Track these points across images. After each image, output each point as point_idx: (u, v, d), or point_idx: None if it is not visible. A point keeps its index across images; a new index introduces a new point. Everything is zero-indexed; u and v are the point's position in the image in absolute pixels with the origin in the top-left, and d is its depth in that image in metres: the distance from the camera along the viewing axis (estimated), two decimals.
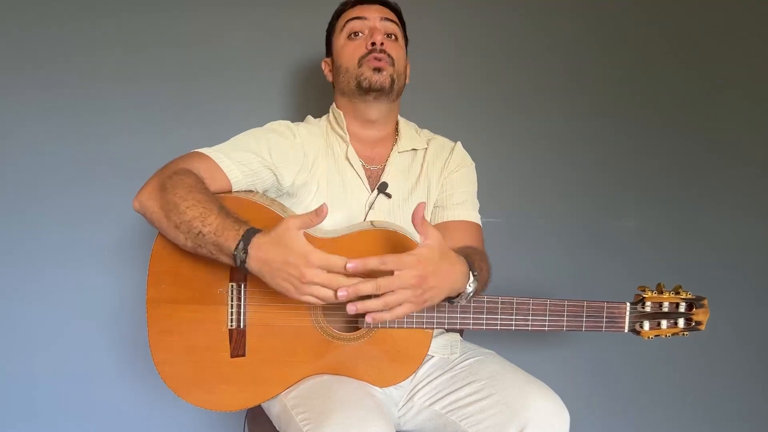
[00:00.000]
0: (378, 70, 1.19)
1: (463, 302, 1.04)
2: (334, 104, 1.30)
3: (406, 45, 1.31)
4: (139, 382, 1.61)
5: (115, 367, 1.61)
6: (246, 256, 0.91)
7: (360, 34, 1.23)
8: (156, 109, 1.57)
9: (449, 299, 1.03)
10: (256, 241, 0.92)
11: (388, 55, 1.21)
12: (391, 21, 1.25)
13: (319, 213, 0.91)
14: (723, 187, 1.85)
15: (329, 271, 0.89)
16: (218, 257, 0.96)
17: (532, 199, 1.78)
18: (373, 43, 1.20)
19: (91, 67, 1.54)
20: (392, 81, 1.21)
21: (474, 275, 1.02)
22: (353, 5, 1.25)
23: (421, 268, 0.91)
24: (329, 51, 1.31)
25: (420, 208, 0.93)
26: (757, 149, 1.85)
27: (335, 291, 0.89)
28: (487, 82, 1.74)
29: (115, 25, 1.54)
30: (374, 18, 1.23)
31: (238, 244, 0.92)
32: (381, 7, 1.26)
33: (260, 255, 0.91)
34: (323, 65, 1.33)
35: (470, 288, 1.02)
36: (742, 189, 1.85)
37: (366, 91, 1.20)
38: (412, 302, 0.92)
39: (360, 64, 1.20)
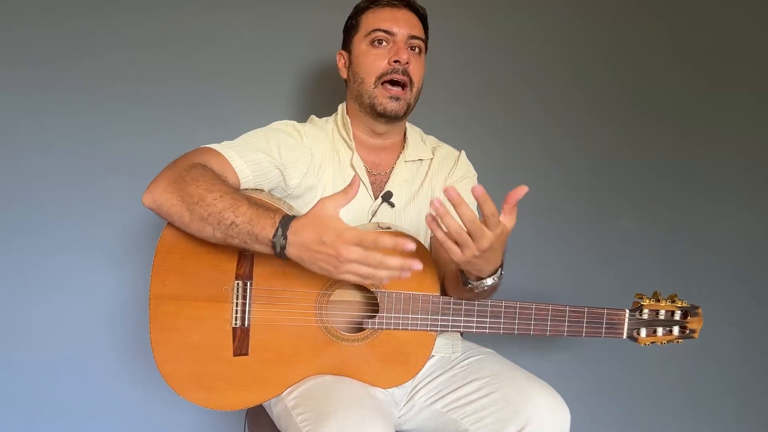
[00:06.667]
0: (395, 98, 1.17)
1: (482, 288, 1.03)
2: (343, 106, 1.27)
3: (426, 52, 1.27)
4: (139, 381, 1.59)
5: (115, 365, 1.59)
6: (286, 242, 0.91)
7: (384, 43, 1.18)
8: (161, 108, 1.55)
9: (478, 278, 1.02)
10: (294, 225, 0.91)
11: (410, 78, 1.18)
12: (418, 38, 1.20)
13: (352, 185, 0.91)
14: (722, 187, 1.87)
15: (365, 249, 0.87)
16: (252, 246, 0.94)
17: (531, 201, 1.77)
18: (397, 61, 1.16)
19: (96, 65, 1.51)
20: (407, 107, 1.20)
21: (499, 271, 1.03)
22: (382, 7, 1.19)
23: (494, 239, 0.93)
24: (346, 45, 1.26)
25: (518, 191, 0.95)
26: (755, 149, 1.87)
27: (374, 268, 0.88)
28: (483, 84, 1.74)
29: (121, 24, 1.51)
30: (403, 34, 1.18)
31: (276, 231, 0.91)
32: (410, 15, 1.20)
33: (298, 240, 0.90)
34: (338, 57, 1.27)
35: (490, 280, 1.02)
36: (741, 189, 1.87)
37: (379, 115, 1.19)
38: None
39: (377, 83, 1.17)
